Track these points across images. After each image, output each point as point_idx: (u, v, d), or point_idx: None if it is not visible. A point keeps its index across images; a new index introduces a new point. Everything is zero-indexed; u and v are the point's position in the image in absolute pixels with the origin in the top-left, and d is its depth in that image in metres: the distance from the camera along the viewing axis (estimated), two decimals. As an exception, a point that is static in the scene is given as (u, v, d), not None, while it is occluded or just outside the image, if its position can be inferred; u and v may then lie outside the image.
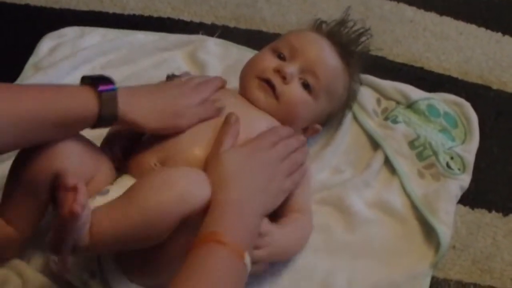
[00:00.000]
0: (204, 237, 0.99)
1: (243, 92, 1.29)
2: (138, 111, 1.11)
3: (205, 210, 1.03)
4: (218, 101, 1.22)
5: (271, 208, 1.14)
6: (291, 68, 1.26)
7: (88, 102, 1.05)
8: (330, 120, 1.38)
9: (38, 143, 1.05)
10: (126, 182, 1.11)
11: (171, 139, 1.16)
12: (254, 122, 1.22)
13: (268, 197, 1.13)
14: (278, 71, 1.26)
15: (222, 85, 1.29)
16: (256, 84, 1.27)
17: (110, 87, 1.07)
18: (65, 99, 1.04)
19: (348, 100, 1.39)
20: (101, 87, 1.06)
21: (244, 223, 1.05)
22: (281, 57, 1.29)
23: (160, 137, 1.17)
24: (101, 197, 1.08)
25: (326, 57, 1.30)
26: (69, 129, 1.06)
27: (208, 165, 1.11)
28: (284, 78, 1.25)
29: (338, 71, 1.31)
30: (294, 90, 1.26)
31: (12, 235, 1.11)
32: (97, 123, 1.07)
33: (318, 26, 1.37)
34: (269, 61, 1.28)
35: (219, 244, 0.97)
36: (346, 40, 1.34)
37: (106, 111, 1.06)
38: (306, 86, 1.27)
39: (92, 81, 1.08)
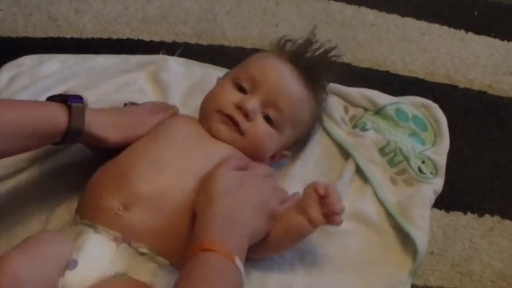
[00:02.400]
0: (194, 248, 1.02)
1: (204, 123, 1.27)
2: (100, 126, 1.17)
3: None
4: (172, 109, 1.31)
5: (261, 232, 1.15)
6: (252, 104, 1.23)
7: (58, 113, 1.11)
8: (300, 143, 1.37)
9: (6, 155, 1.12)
10: (92, 245, 1.07)
11: (131, 178, 1.13)
12: (214, 149, 1.21)
13: (259, 219, 1.14)
14: (240, 107, 1.24)
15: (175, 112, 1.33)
16: (217, 118, 1.25)
17: (79, 100, 1.15)
18: (40, 111, 1.12)
19: (317, 120, 1.37)
20: (72, 100, 1.14)
21: (233, 235, 1.06)
22: (242, 89, 1.27)
23: (117, 176, 1.15)
24: (71, 272, 1.04)
25: (288, 87, 1.27)
26: (38, 141, 1.13)
27: (206, 180, 1.13)
28: (246, 115, 1.23)
29: (301, 100, 1.29)
30: (258, 127, 1.24)
31: None
32: (65, 136, 1.12)
33: (281, 47, 1.33)
34: (230, 96, 1.26)
35: (209, 251, 1.00)
36: (311, 64, 1.31)
37: (75, 123, 1.12)
38: (269, 120, 1.25)
39: (63, 97, 1.15)
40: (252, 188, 1.14)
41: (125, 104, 1.36)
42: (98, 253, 1.06)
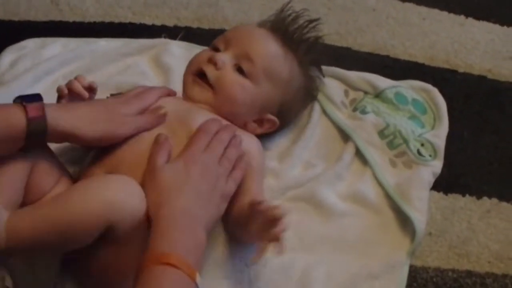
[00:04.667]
0: (155, 258, 0.97)
1: (184, 92, 1.29)
2: (70, 121, 1.08)
3: (140, 226, 1.03)
4: (161, 109, 1.21)
5: (217, 217, 1.12)
6: (222, 55, 1.26)
7: (15, 115, 1.03)
8: (288, 112, 1.35)
9: None
10: None
11: (117, 149, 1.15)
12: (194, 120, 1.20)
13: (212, 206, 1.10)
14: (210, 60, 1.26)
15: (168, 94, 1.29)
16: (190, 80, 1.27)
17: (36, 100, 1.06)
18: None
19: (304, 89, 1.36)
20: (28, 99, 1.05)
21: (192, 237, 1.03)
22: (216, 50, 1.29)
23: (106, 148, 1.15)
24: None
25: (261, 41, 1.29)
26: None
27: (145, 184, 1.08)
28: (215, 65, 1.25)
29: (276, 55, 1.29)
30: (227, 75, 1.25)
31: None
32: (27, 139, 1.04)
33: (260, 23, 1.36)
34: (204, 54, 1.28)
35: (171, 267, 0.95)
36: (288, 28, 1.32)
37: (34, 124, 1.03)
38: (241, 71, 1.26)
39: (20, 98, 1.07)
40: (197, 175, 1.09)
41: (112, 95, 1.31)
42: None
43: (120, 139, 1.14)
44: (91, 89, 1.22)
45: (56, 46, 1.54)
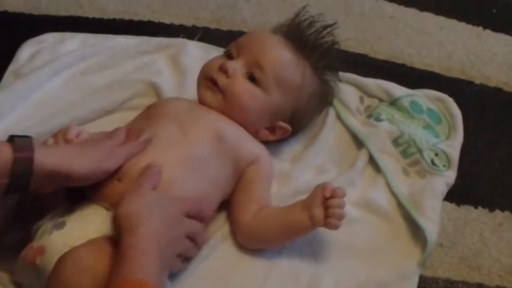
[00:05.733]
0: (129, 284, 0.95)
1: (198, 95, 1.30)
2: (58, 158, 1.02)
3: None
4: (143, 135, 1.18)
5: (167, 266, 1.07)
6: (233, 63, 1.26)
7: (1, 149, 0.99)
8: (301, 118, 1.35)
9: None
10: (84, 211, 1.09)
11: None
12: (205, 122, 1.22)
13: (170, 251, 1.06)
14: (221, 68, 1.26)
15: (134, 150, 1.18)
16: (203, 84, 1.28)
17: (26, 138, 1.02)
18: None
19: (319, 95, 1.35)
20: (17, 138, 1.01)
21: (159, 264, 1.00)
22: (229, 57, 1.30)
23: None
24: (58, 231, 1.06)
25: (272, 49, 1.29)
26: None
27: (120, 205, 1.04)
28: (226, 73, 1.25)
29: (287, 62, 1.29)
30: (237, 83, 1.25)
31: None
32: (13, 174, 0.98)
33: (275, 29, 1.36)
34: (216, 61, 1.29)
35: None
36: (303, 33, 1.32)
37: (20, 162, 0.98)
38: (252, 79, 1.26)
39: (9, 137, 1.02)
40: (168, 219, 1.06)
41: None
42: (88, 217, 1.08)
43: (111, 171, 1.10)
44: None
45: (75, 41, 1.55)
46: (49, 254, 1.03)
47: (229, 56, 1.30)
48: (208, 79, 1.27)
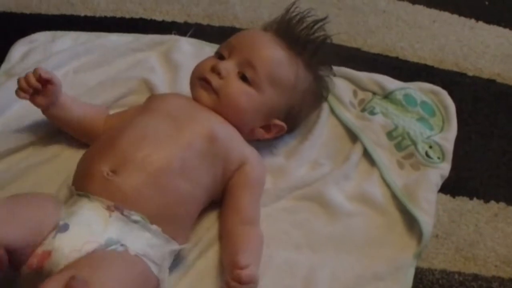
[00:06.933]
0: None
1: (192, 95, 1.30)
2: None
3: None
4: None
5: None
6: (225, 64, 1.26)
7: None
8: (297, 115, 1.35)
9: None
10: (85, 212, 1.09)
11: (120, 144, 1.15)
12: (200, 120, 1.22)
13: None
14: (213, 69, 1.26)
15: None
16: (198, 84, 1.28)
17: None
18: None
19: (313, 91, 1.35)
20: None
21: None
22: (221, 57, 1.30)
23: (107, 144, 1.16)
24: (62, 234, 1.05)
25: (263, 47, 1.29)
26: None
27: None
28: (219, 74, 1.25)
29: (279, 60, 1.29)
30: (231, 84, 1.25)
31: None
32: None
33: (266, 26, 1.37)
34: (209, 62, 1.29)
35: None
36: (294, 29, 1.32)
37: None
38: (245, 79, 1.26)
39: None
40: None
41: None
42: (90, 218, 1.07)
43: None
44: (49, 82, 1.23)
45: (67, 39, 1.55)
46: (55, 257, 1.03)
47: (220, 56, 1.30)
48: (201, 79, 1.27)
